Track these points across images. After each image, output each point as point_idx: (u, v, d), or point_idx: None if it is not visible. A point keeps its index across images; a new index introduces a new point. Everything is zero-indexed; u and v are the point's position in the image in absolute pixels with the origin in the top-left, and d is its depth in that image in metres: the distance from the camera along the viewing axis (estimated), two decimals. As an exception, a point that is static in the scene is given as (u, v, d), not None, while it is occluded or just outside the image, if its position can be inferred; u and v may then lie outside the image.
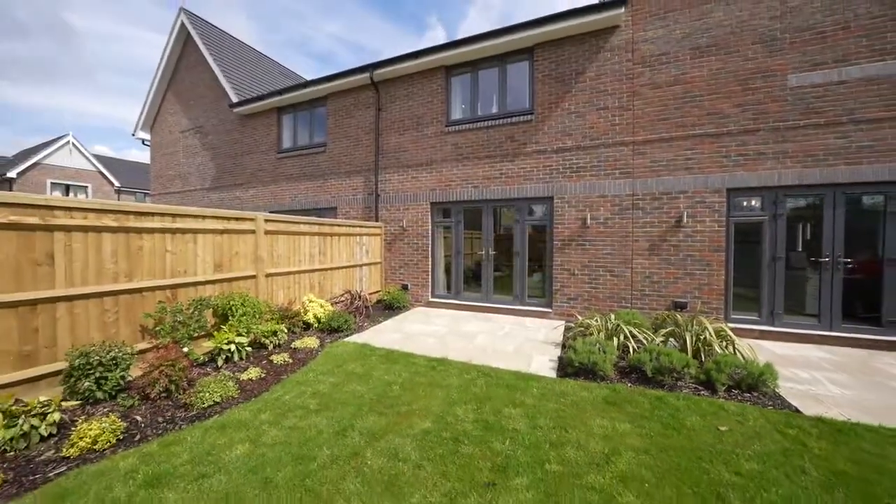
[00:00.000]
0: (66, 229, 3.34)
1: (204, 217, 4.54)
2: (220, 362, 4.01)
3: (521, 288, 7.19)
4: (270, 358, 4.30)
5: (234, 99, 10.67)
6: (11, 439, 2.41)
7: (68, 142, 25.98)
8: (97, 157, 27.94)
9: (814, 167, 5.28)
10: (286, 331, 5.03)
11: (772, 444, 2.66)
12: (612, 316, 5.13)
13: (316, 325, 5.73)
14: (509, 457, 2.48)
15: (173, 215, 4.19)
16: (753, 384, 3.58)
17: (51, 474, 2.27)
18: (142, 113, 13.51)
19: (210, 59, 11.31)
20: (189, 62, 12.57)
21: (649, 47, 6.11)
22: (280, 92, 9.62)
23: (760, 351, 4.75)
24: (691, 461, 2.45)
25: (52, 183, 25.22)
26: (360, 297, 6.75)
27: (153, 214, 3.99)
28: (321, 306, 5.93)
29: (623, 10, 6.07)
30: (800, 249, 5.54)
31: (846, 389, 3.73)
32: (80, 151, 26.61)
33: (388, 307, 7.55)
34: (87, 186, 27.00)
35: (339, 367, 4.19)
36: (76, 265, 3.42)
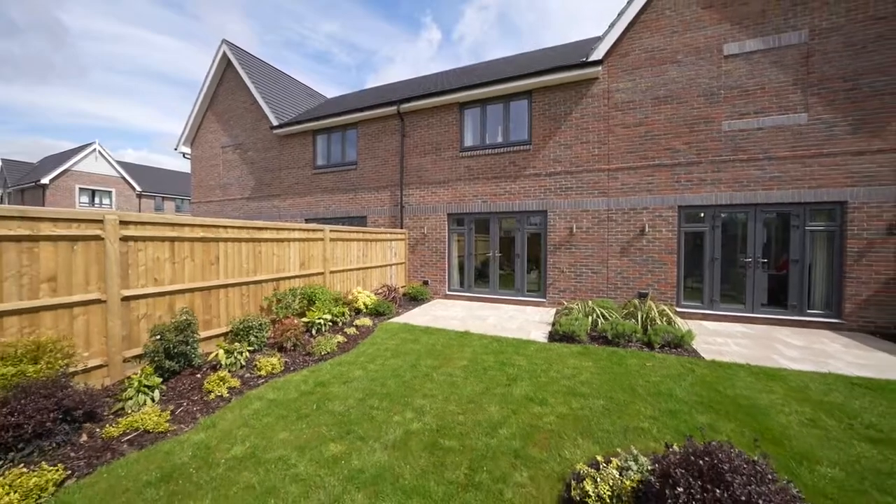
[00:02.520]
0: (225, 240, 5.09)
1: (294, 230, 6.29)
2: (314, 331, 5.76)
3: (521, 283, 8.97)
4: (344, 330, 6.05)
5: (274, 122, 12.40)
6: (229, 364, 4.16)
7: (95, 149, 27.59)
8: (120, 163, 29.52)
9: (740, 191, 7.06)
10: (348, 313, 6.79)
11: (674, 370, 4.43)
12: (590, 302, 6.91)
13: (364, 309, 7.47)
14: (517, 375, 4.25)
15: (278, 229, 5.94)
16: (678, 343, 5.36)
17: (259, 382, 4.02)
18: (184, 130, 15.20)
19: (252, 87, 13.04)
20: (228, 86, 14.30)
21: (621, 96, 7.90)
22: (317, 118, 11.38)
23: (700, 328, 6.53)
24: (623, 377, 4.22)
25: (80, 188, 26.86)
26: (394, 290, 8.50)
27: (267, 229, 5.74)
28: (367, 296, 7.67)
29: (600, 67, 7.85)
30: (731, 252, 7.33)
31: (743, 348, 5.51)
32: (106, 158, 28.22)
33: (413, 299, 9.29)
34: (111, 191, 28.66)
35: (394, 335, 5.95)
36: (229, 264, 5.16)
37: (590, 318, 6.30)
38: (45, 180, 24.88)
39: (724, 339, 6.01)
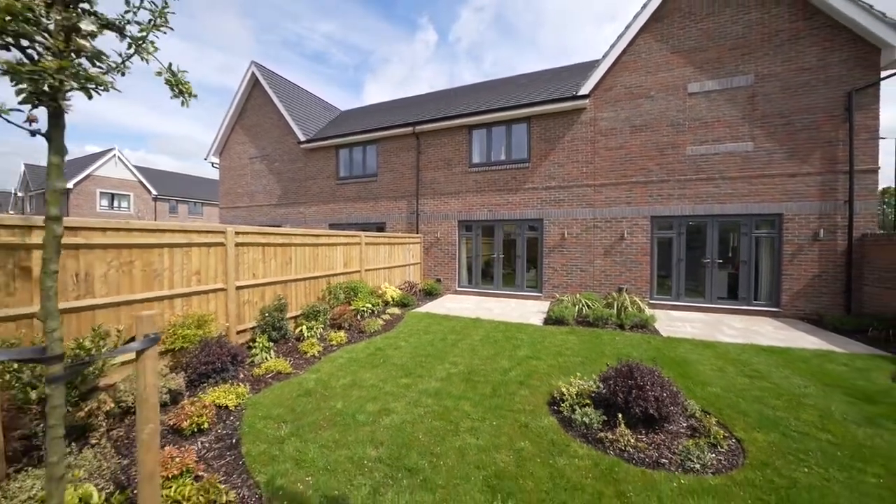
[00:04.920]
0: (295, 245, 6.61)
1: (339, 236, 7.81)
2: (358, 317, 7.28)
3: (521, 280, 10.51)
4: (381, 316, 7.57)
5: (301, 137, 13.92)
6: (310, 336, 5.68)
7: (114, 155, 28.99)
8: (137, 167, 30.90)
9: (700, 204, 8.64)
10: (380, 304, 8.31)
11: (635, 342, 5.98)
12: (578, 295, 8.46)
13: (392, 302, 8.99)
14: (519, 344, 5.79)
15: (329, 235, 7.46)
16: (644, 325, 6.92)
17: (334, 349, 5.54)
18: (214, 142, 16.69)
19: (280, 105, 14.55)
20: (256, 103, 15.81)
21: (604, 123, 9.47)
22: (341, 135, 12.91)
23: (667, 316, 8.09)
24: (598, 346, 5.77)
25: (100, 192, 28.24)
26: (414, 286, 10.02)
27: (321, 236, 7.26)
28: (394, 291, 9.20)
29: (588, 100, 9.42)
30: (694, 254, 8.90)
31: (695, 329, 7.06)
32: (124, 163, 29.61)
33: (428, 294, 10.81)
34: (129, 195, 30.05)
35: (421, 320, 7.48)
36: (297, 264, 6.68)
37: (576, 307, 7.86)
38: (69, 185, 26.24)
39: (682, 323, 7.58)
